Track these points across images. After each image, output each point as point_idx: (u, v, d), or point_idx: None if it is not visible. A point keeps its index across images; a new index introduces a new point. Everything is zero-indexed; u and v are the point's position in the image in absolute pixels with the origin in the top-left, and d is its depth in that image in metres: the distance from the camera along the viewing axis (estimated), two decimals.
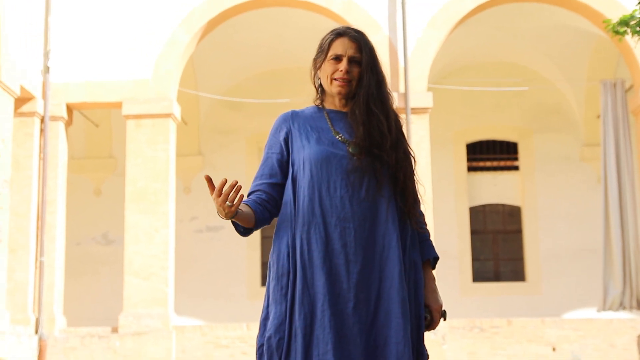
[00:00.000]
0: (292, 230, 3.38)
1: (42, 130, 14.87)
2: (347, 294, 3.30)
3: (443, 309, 3.50)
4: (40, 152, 14.81)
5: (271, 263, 3.45)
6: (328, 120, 3.49)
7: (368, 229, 3.34)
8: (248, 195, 3.47)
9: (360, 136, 3.39)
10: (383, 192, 3.37)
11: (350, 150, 3.39)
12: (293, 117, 3.54)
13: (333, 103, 3.53)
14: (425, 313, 3.45)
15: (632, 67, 15.07)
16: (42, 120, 14.88)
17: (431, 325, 3.47)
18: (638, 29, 9.69)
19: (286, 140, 3.50)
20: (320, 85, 3.54)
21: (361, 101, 3.43)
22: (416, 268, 3.44)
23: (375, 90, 3.45)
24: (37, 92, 14.81)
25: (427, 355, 3.44)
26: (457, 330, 14.33)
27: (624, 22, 9.88)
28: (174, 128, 15.23)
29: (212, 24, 15.30)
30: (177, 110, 15.17)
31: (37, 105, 14.76)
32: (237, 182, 3.18)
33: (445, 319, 3.50)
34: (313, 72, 3.56)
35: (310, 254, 3.32)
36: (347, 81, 3.44)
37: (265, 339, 3.34)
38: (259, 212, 3.39)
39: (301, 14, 15.80)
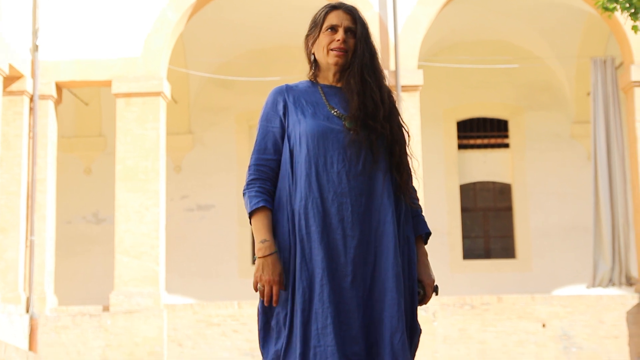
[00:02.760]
0: (290, 206, 3.39)
1: (31, 109, 14.81)
2: (345, 268, 3.32)
3: (435, 284, 3.52)
4: (29, 131, 14.75)
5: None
6: (322, 95, 3.50)
7: (364, 203, 3.36)
8: (254, 166, 3.46)
9: (355, 106, 3.40)
10: (379, 166, 3.40)
11: (346, 125, 3.40)
12: (287, 90, 3.54)
13: (327, 78, 3.54)
14: (419, 288, 3.47)
15: (622, 44, 15.07)
16: (32, 99, 14.82)
17: (424, 300, 3.50)
18: (627, 5, 9.68)
19: (284, 114, 3.50)
20: (314, 60, 3.54)
21: (356, 71, 3.45)
22: (409, 243, 3.47)
23: (369, 62, 3.48)
24: (26, 71, 14.73)
25: (420, 330, 3.47)
26: (448, 307, 14.39)
27: None
28: (164, 106, 15.19)
29: (202, 2, 15.22)
30: (167, 89, 15.12)
31: (26, 84, 14.69)
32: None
33: (437, 294, 3.53)
34: (306, 49, 3.57)
35: (308, 229, 3.33)
36: (344, 51, 3.45)
37: (274, 314, 3.38)
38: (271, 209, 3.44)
39: None
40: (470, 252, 19.07)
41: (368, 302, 3.32)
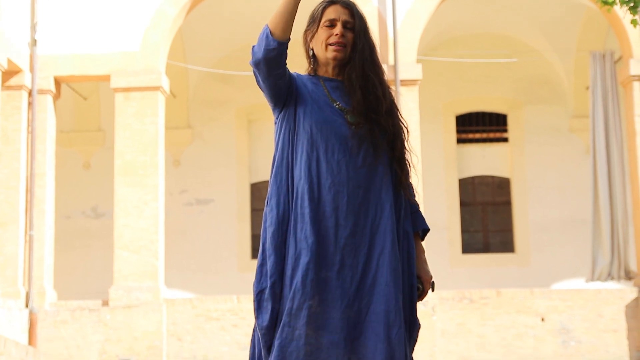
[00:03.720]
0: (291, 178, 3.40)
1: (30, 104, 14.79)
2: (333, 257, 3.31)
3: (432, 280, 3.52)
4: (28, 125, 14.74)
5: (268, 209, 3.43)
6: (325, 88, 3.50)
7: (362, 196, 3.35)
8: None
9: (358, 100, 3.41)
10: (380, 160, 3.40)
11: (348, 119, 3.40)
12: (295, 77, 3.54)
13: (327, 72, 3.54)
14: (417, 284, 3.48)
15: (621, 38, 15.06)
16: (30, 94, 14.80)
17: (421, 295, 3.50)
18: None
19: (291, 82, 3.48)
20: (313, 55, 3.54)
21: (357, 65, 3.45)
22: (409, 239, 3.46)
23: (369, 56, 3.48)
24: (24, 65, 14.72)
25: (419, 325, 3.46)
26: (447, 301, 14.40)
27: None
28: (163, 101, 15.17)
29: None
30: (165, 83, 15.10)
31: (25, 79, 14.67)
32: None
33: (433, 290, 3.53)
34: (305, 44, 3.57)
35: (302, 210, 3.33)
36: (343, 45, 3.45)
37: (269, 284, 3.34)
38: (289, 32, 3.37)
39: None
40: (469, 247, 19.07)
41: (357, 294, 3.31)
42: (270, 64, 3.34)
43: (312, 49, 3.54)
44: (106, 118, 18.44)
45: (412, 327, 3.42)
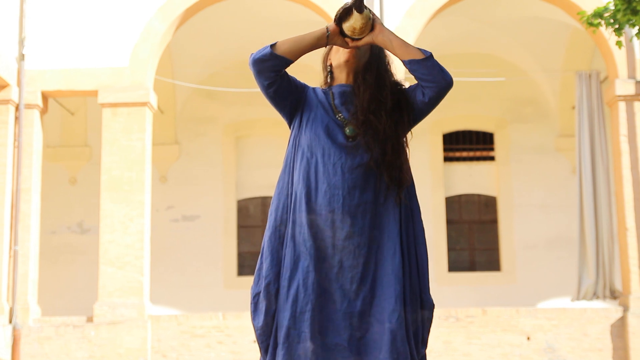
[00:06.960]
0: (290, 186, 3.49)
1: (17, 118, 14.76)
2: (332, 259, 3.38)
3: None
4: (15, 140, 14.70)
5: (269, 213, 3.55)
6: (332, 98, 3.60)
7: (358, 196, 3.42)
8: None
9: (362, 101, 3.51)
10: (377, 162, 3.47)
11: (346, 132, 3.50)
12: (311, 89, 3.68)
13: (341, 79, 3.65)
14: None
15: (607, 59, 15.16)
16: (17, 108, 14.77)
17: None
18: (612, 20, 9.75)
19: (302, 94, 3.62)
20: (330, 71, 3.66)
21: (364, 71, 3.59)
22: (414, 219, 3.54)
23: (378, 61, 3.64)
24: (12, 80, 14.69)
25: (433, 305, 3.54)
26: (433, 320, 14.37)
27: (598, 14, 9.94)
28: (150, 117, 15.16)
29: (189, 12, 15.23)
30: (153, 99, 15.10)
31: (12, 93, 14.64)
32: None
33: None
34: (324, 57, 3.73)
35: (300, 213, 3.42)
36: (356, 48, 3.58)
37: (264, 286, 3.42)
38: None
39: (279, 2, 15.77)
40: (455, 265, 19.09)
41: (358, 294, 3.37)
42: (259, 68, 3.60)
43: (330, 65, 3.66)
44: (93, 133, 18.40)
45: (425, 306, 3.50)
